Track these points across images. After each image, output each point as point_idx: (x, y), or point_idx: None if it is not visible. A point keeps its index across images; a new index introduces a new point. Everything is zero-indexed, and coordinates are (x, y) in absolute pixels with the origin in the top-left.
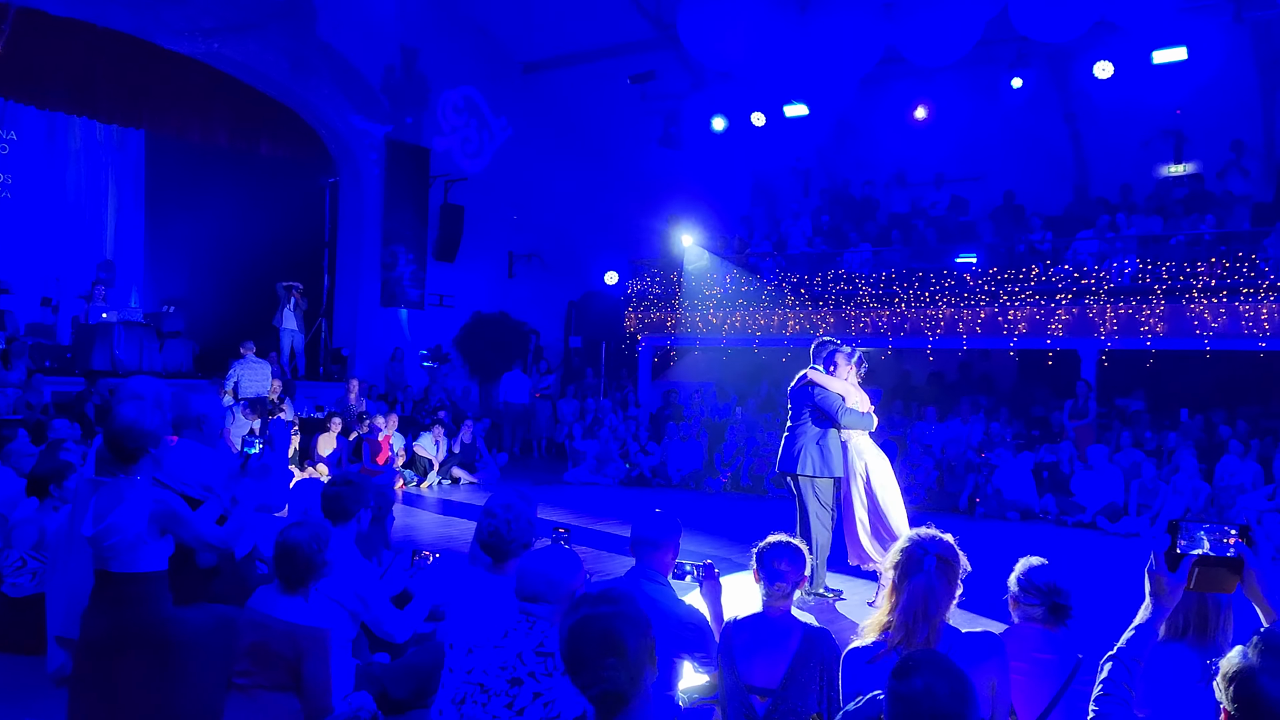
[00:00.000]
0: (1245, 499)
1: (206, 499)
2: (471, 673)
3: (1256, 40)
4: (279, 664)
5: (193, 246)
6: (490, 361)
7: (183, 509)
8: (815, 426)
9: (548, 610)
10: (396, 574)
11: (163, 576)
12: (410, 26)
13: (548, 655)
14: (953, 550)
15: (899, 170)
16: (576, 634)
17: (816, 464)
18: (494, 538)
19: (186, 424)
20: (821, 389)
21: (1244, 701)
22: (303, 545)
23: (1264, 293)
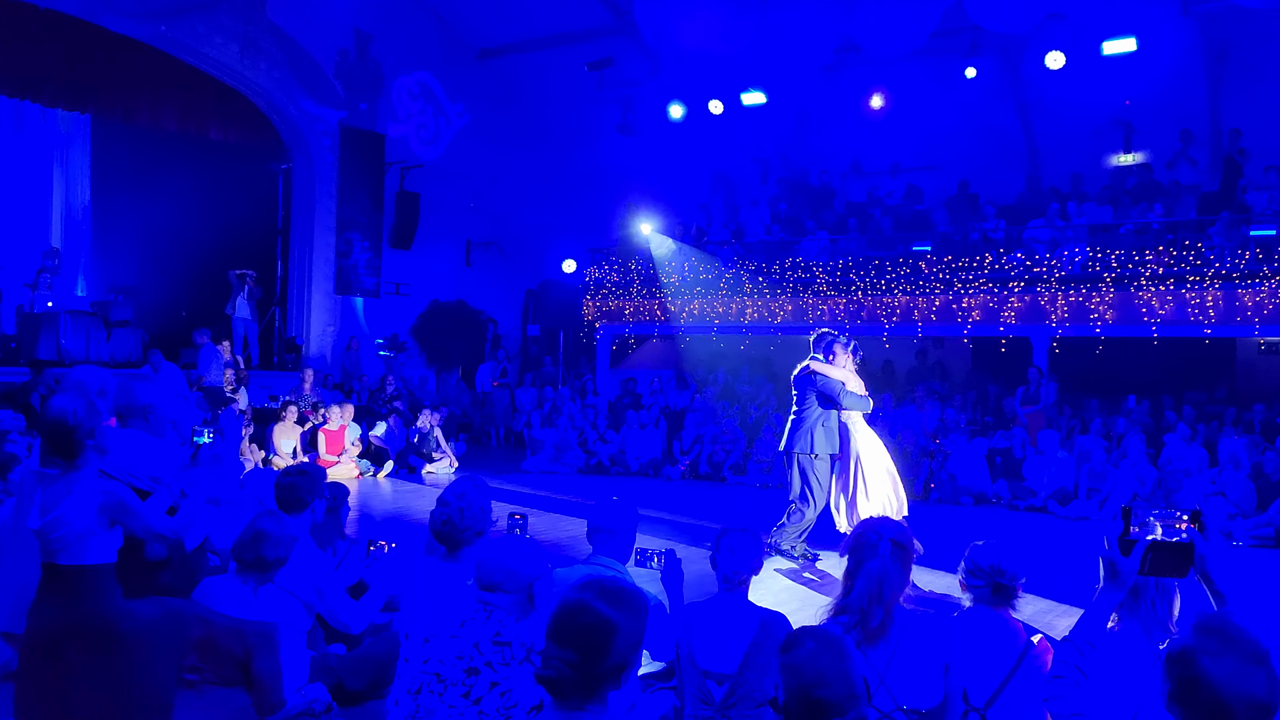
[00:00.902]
0: (1191, 483)
1: (155, 490)
2: (428, 662)
3: (1204, 32)
4: (227, 660)
5: (141, 233)
6: (448, 350)
7: (132, 500)
8: (818, 409)
9: (506, 600)
10: (352, 564)
11: (111, 569)
12: (364, 11)
13: (505, 645)
14: (907, 535)
15: (855, 159)
16: (568, 613)
17: (819, 443)
18: (447, 526)
19: (133, 414)
20: (823, 376)
21: (1185, 683)
22: (270, 537)
23: (1209, 280)
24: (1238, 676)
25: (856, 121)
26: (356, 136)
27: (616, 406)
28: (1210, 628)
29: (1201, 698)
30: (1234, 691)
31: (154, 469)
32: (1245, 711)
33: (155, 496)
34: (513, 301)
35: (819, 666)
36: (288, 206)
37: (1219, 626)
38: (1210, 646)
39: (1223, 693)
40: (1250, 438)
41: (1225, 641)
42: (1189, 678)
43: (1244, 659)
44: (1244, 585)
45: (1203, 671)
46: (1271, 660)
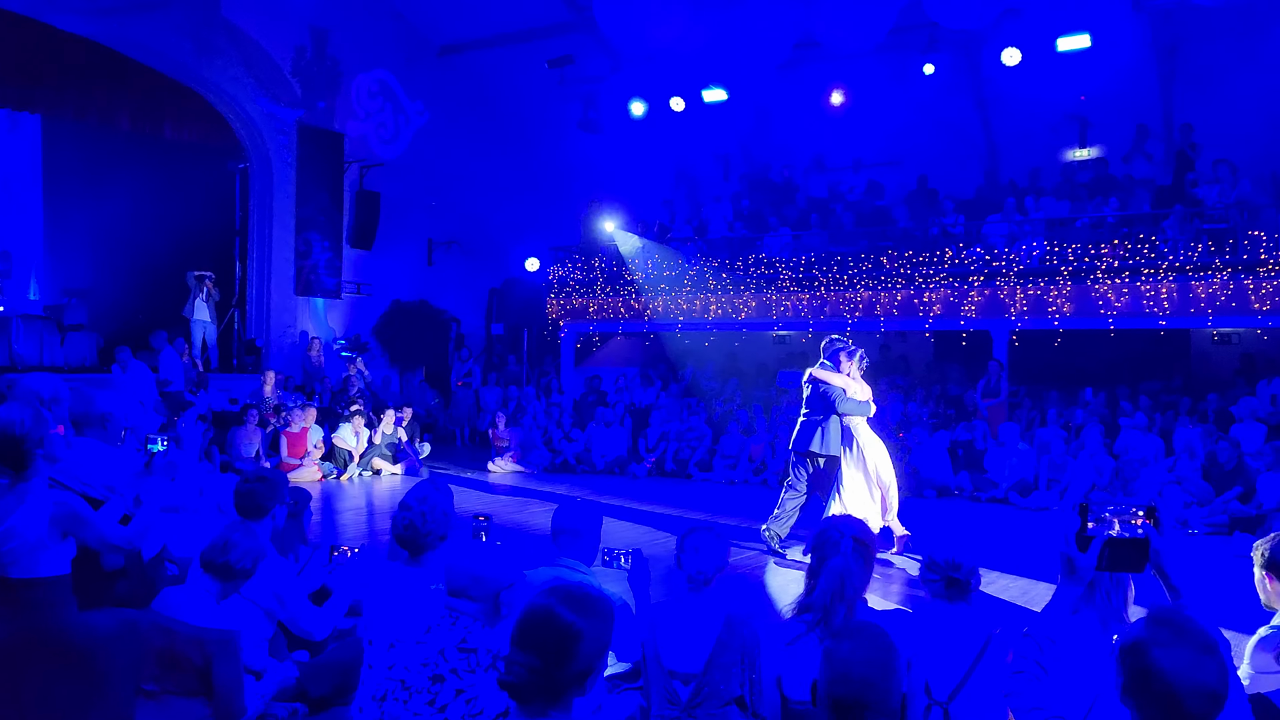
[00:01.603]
0: (1148, 472)
1: (109, 499)
2: (393, 669)
3: (1155, 28)
4: (187, 669)
5: (95, 235)
6: (411, 351)
7: (85, 510)
8: (821, 414)
9: (472, 606)
10: (315, 570)
11: (65, 581)
12: (320, 7)
13: (471, 651)
14: (869, 532)
15: (817, 155)
16: (533, 618)
17: (817, 443)
18: (409, 531)
19: (90, 422)
20: (825, 383)
21: (1137, 674)
22: (238, 548)
23: (1163, 273)
24: (1189, 667)
25: (817, 117)
26: (315, 135)
27: (581, 405)
28: (1162, 620)
29: (1154, 688)
30: (1185, 681)
31: (108, 477)
32: (1196, 701)
33: (108, 505)
34: (476, 301)
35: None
36: (245, 206)
37: (1170, 618)
38: (1162, 638)
39: (1174, 683)
40: (1205, 427)
41: (1176, 633)
42: (1141, 669)
43: (1195, 650)
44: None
45: (1154, 662)
46: (1221, 651)
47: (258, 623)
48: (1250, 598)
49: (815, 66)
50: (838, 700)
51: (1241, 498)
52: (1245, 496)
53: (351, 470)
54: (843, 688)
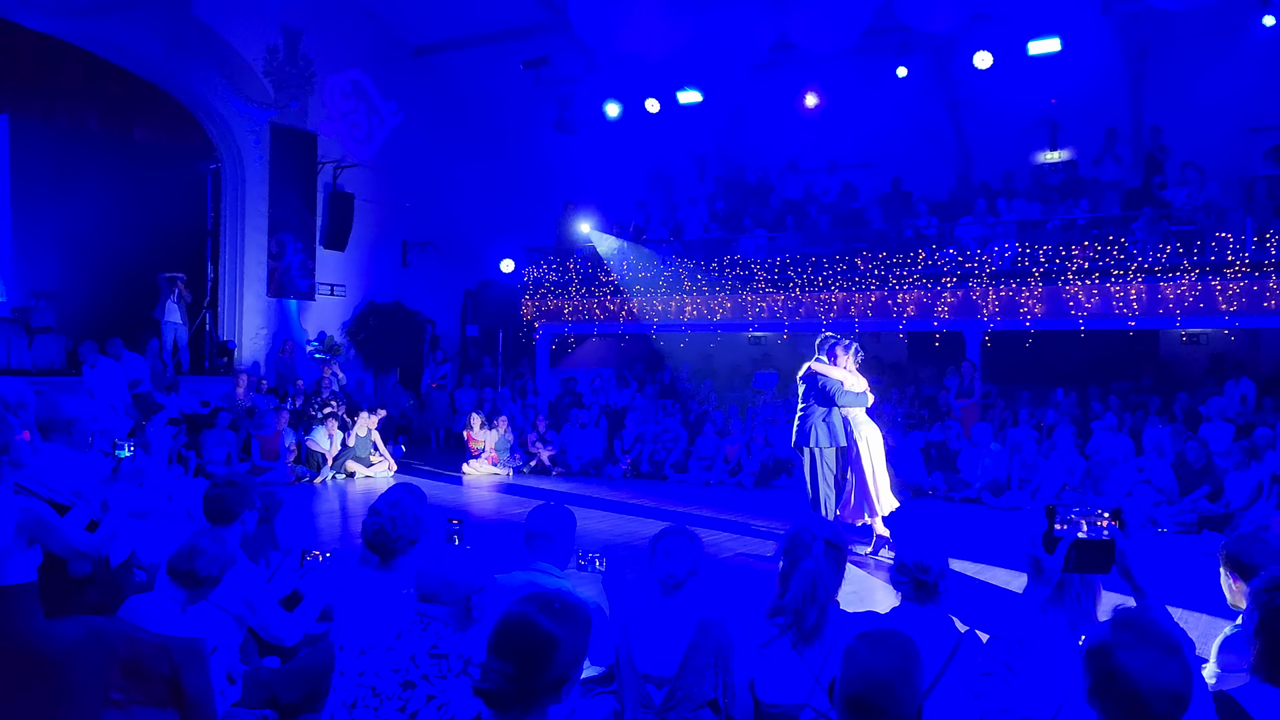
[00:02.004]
0: (1118, 471)
1: (75, 504)
2: (363, 675)
3: (1124, 32)
4: (155, 679)
5: (64, 236)
6: (385, 352)
7: (51, 516)
8: (821, 406)
9: (443, 611)
10: (286, 575)
11: (32, 588)
12: (293, 7)
13: (442, 657)
14: (840, 535)
15: (792, 157)
16: (509, 625)
17: (824, 436)
18: (379, 536)
19: (56, 427)
20: (824, 376)
21: (1103, 676)
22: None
23: (1133, 274)
24: (1153, 668)
25: (792, 119)
26: (288, 136)
27: (557, 406)
28: (1126, 622)
29: (1119, 689)
30: (1149, 683)
31: (75, 483)
32: (1160, 702)
33: (75, 511)
34: (451, 302)
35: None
36: (217, 207)
37: (1135, 620)
38: (1126, 640)
39: (1139, 684)
40: (1174, 426)
41: (1141, 635)
42: (1107, 671)
43: (1159, 651)
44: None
45: (1120, 664)
46: (1185, 652)
47: (227, 629)
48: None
49: (790, 68)
50: (855, 699)
51: (1210, 496)
52: (1213, 495)
53: (325, 473)
54: (861, 686)
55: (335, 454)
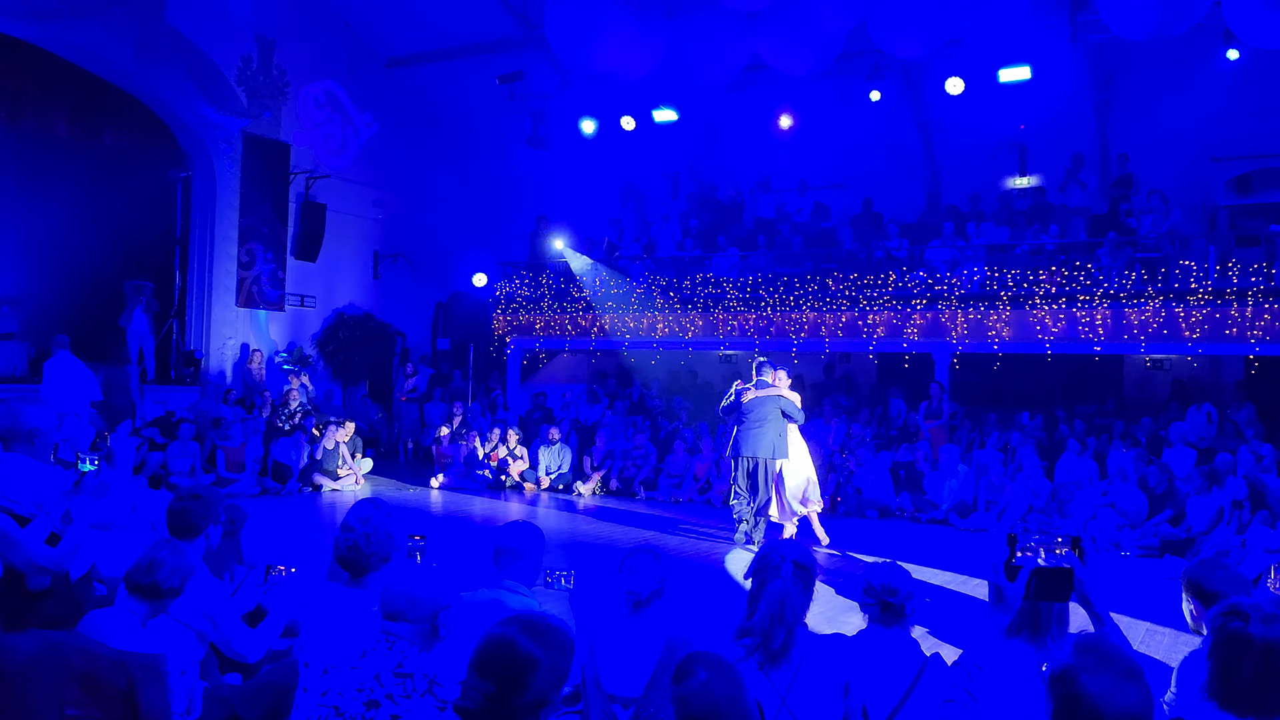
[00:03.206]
0: (1083, 494)
1: (36, 516)
2: (327, 695)
3: (1091, 61)
4: (111, 695)
5: (29, 242)
6: (354, 364)
7: (12, 529)
8: (780, 422)
9: (408, 630)
10: (250, 590)
11: None
12: (267, 16)
13: (407, 676)
14: (810, 556)
15: (764, 176)
16: (492, 646)
17: (780, 449)
18: (352, 552)
19: (18, 438)
20: (786, 398)
21: (1066, 700)
22: (166, 567)
23: (1098, 300)
24: (1115, 692)
25: (765, 139)
26: (260, 145)
27: (527, 421)
28: (1088, 647)
29: (1082, 712)
30: (1111, 706)
31: (36, 495)
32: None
33: (35, 523)
34: (422, 315)
35: (713, 697)
36: (187, 216)
37: (1096, 645)
38: (1089, 664)
39: (1101, 708)
40: (1137, 451)
41: (1102, 659)
42: (1070, 695)
43: (1120, 675)
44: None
45: (1083, 688)
46: (1144, 676)
47: (188, 645)
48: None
49: (763, 89)
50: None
51: (1172, 521)
52: (1175, 520)
53: (292, 486)
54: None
55: (303, 466)
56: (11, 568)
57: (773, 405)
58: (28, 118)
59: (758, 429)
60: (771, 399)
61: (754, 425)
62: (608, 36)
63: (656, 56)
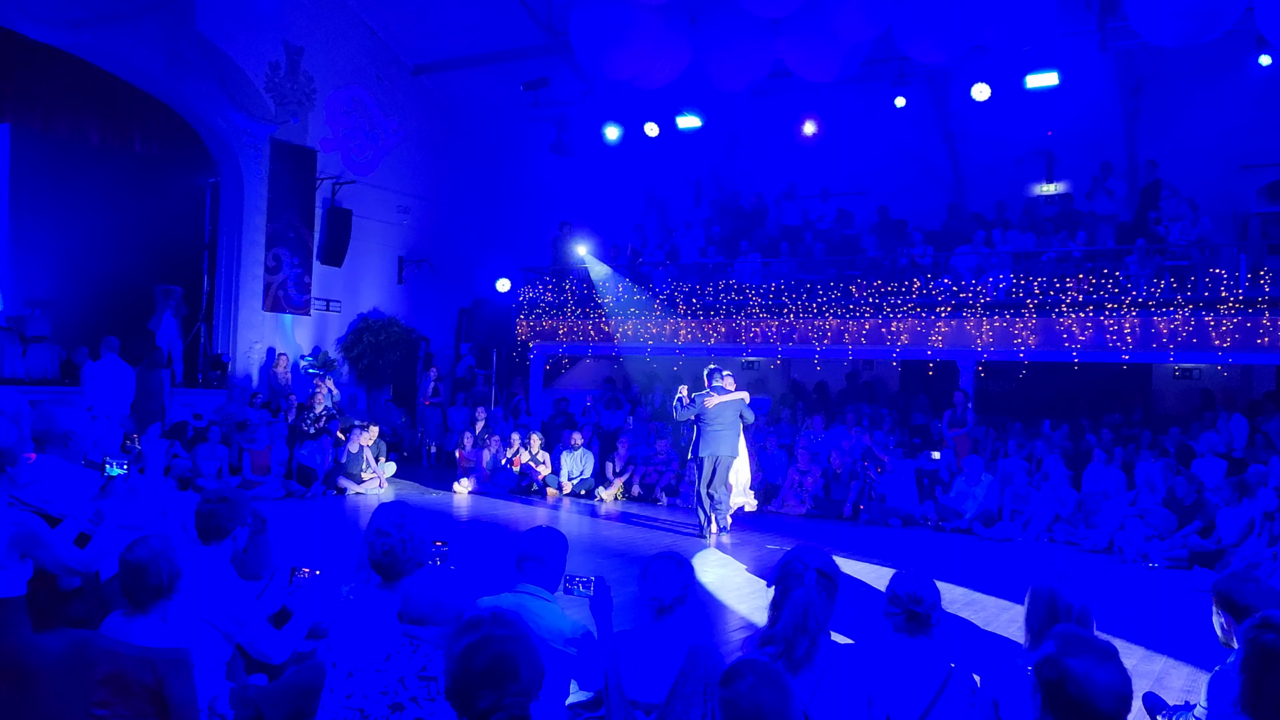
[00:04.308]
0: (1110, 505)
1: (66, 517)
2: (351, 697)
3: (1120, 68)
4: (139, 692)
5: (61, 246)
6: (378, 369)
7: (44, 532)
8: (738, 423)
9: (432, 633)
10: (275, 592)
11: (20, 602)
12: (295, 24)
13: (431, 679)
14: (833, 565)
15: (788, 183)
16: (473, 657)
17: (738, 447)
18: (388, 557)
19: (52, 440)
20: (738, 400)
21: (1053, 684)
22: (148, 565)
23: (1126, 308)
24: (1097, 670)
25: (788, 146)
26: (287, 151)
27: (549, 426)
28: (1067, 635)
29: (1069, 694)
30: (1096, 683)
31: (68, 496)
32: (1108, 700)
33: (65, 525)
34: (446, 320)
35: (758, 701)
36: (215, 221)
37: (1074, 633)
38: (1070, 649)
39: (1085, 686)
40: (1165, 461)
41: (1083, 644)
42: (1056, 679)
43: (1100, 656)
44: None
45: (1068, 669)
46: (1119, 657)
47: (215, 645)
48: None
49: (787, 95)
50: None
51: (1201, 532)
52: (1205, 531)
53: (317, 489)
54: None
55: (327, 470)
56: (42, 568)
57: (734, 410)
58: (61, 125)
59: (722, 431)
60: (733, 404)
61: (719, 429)
62: (631, 43)
63: (680, 63)
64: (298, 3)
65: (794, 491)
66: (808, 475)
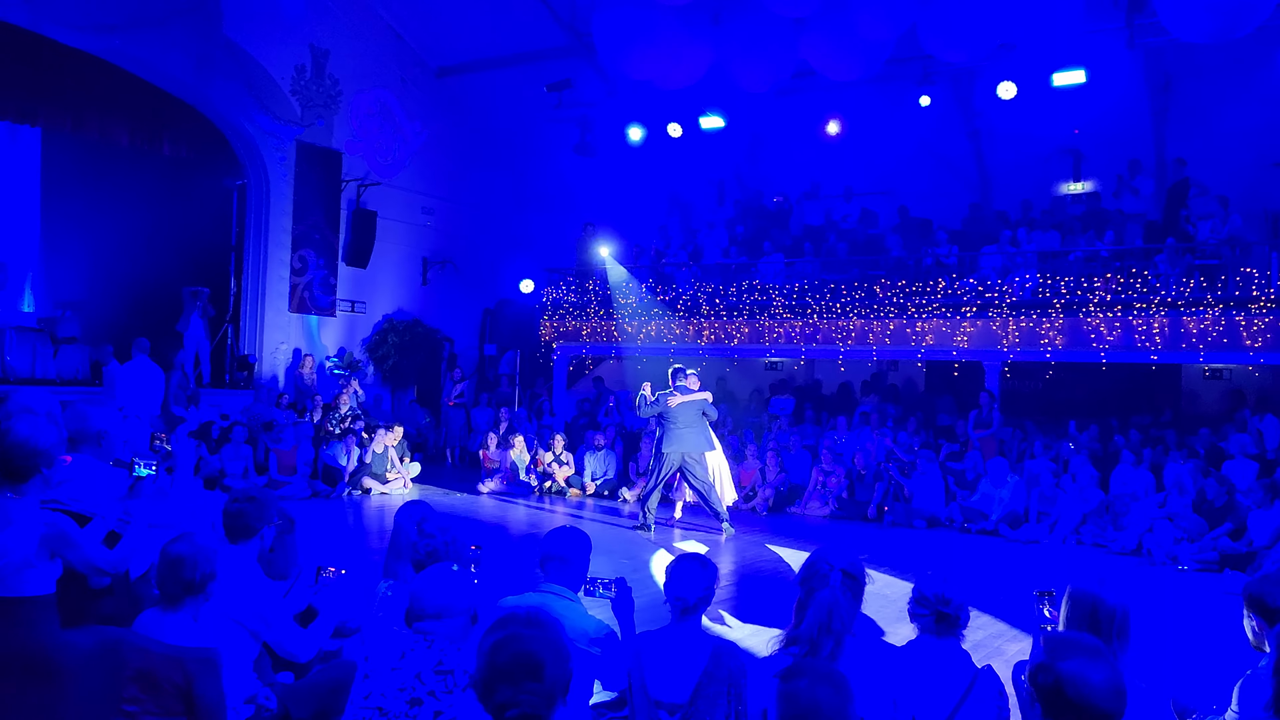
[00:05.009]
0: (1138, 507)
1: (96, 516)
2: (369, 697)
3: (1149, 65)
4: (168, 690)
5: (91, 248)
6: (402, 369)
7: (75, 532)
8: (702, 420)
9: (444, 627)
10: (301, 591)
11: (50, 600)
12: (321, 27)
13: (447, 673)
14: (858, 565)
15: (812, 183)
16: (497, 653)
17: (706, 443)
18: (431, 557)
19: (85, 440)
20: (704, 400)
21: (1050, 688)
22: (185, 559)
23: (1155, 308)
24: (1092, 669)
25: (812, 145)
26: (313, 153)
27: (573, 427)
28: (1055, 639)
29: (1067, 695)
30: (1088, 682)
31: (99, 496)
32: (1107, 698)
33: (94, 523)
34: (469, 321)
35: (817, 698)
36: (242, 223)
37: (1063, 636)
38: (1062, 651)
39: (1081, 687)
40: (1195, 462)
41: (1071, 645)
42: (1053, 682)
43: (1092, 654)
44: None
45: (1063, 672)
46: (1109, 655)
47: (243, 643)
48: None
49: (811, 95)
50: None
51: (1232, 534)
52: (1236, 534)
53: (342, 489)
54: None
55: (352, 470)
56: (71, 567)
57: (695, 409)
58: (91, 128)
59: (685, 430)
60: (695, 403)
61: (681, 427)
62: (654, 44)
63: (703, 63)
64: (323, 6)
65: (817, 493)
66: (831, 476)
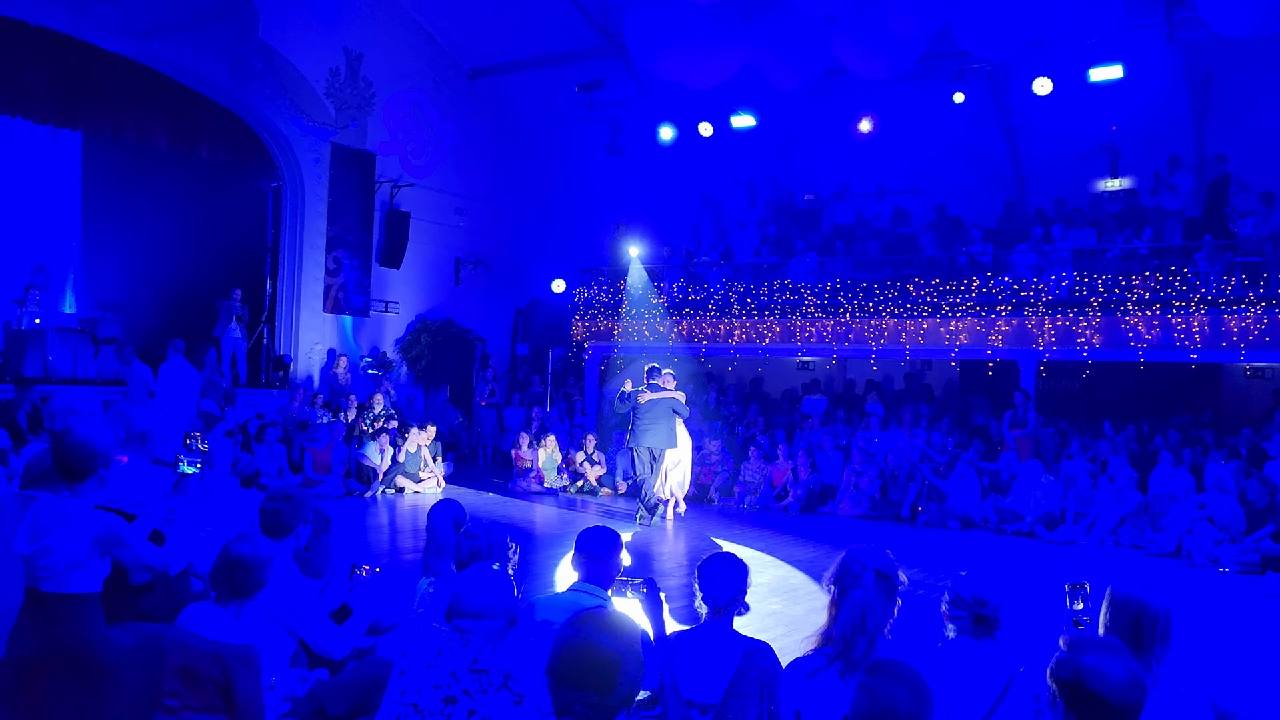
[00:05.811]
0: (1178, 508)
1: (140, 514)
2: (405, 694)
3: (1188, 60)
4: (208, 685)
5: (130, 250)
6: (435, 369)
7: (126, 532)
8: (671, 418)
9: (483, 627)
10: (336, 588)
11: (96, 598)
12: (355, 30)
13: (482, 672)
14: (892, 565)
15: (843, 181)
16: (576, 651)
17: (670, 440)
18: (475, 558)
19: (130, 439)
20: (672, 398)
21: (1071, 684)
22: (246, 560)
23: (1195, 306)
24: (1111, 664)
25: (844, 144)
26: (347, 155)
27: (604, 426)
28: (1076, 639)
29: (1089, 689)
30: (1111, 679)
31: (143, 494)
32: (1128, 691)
33: (138, 522)
34: (501, 321)
35: (895, 700)
36: (277, 224)
37: (1083, 636)
38: (1082, 648)
39: (1102, 681)
40: (1236, 463)
41: (1092, 643)
42: (1074, 678)
43: (1111, 651)
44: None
45: (1085, 666)
46: (1126, 650)
47: (279, 640)
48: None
49: (843, 93)
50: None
51: (1274, 536)
52: (1278, 535)
53: (375, 488)
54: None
55: (386, 469)
56: (120, 564)
57: (665, 405)
58: (130, 132)
59: (652, 426)
60: (665, 400)
61: (651, 422)
62: (685, 43)
63: (735, 62)
64: (357, 10)
65: (849, 493)
66: (863, 476)
